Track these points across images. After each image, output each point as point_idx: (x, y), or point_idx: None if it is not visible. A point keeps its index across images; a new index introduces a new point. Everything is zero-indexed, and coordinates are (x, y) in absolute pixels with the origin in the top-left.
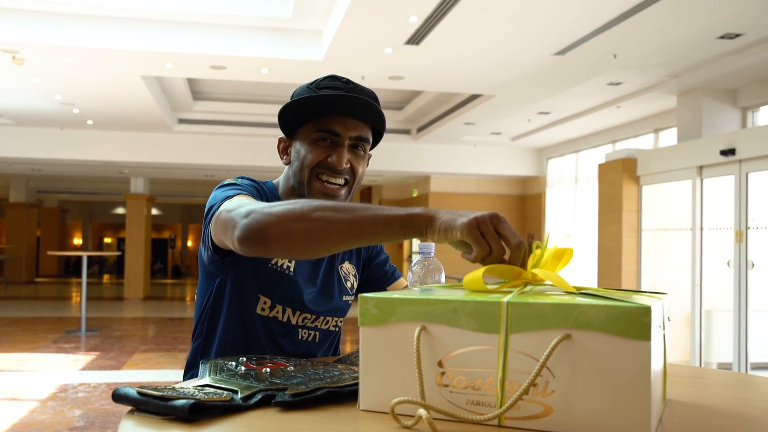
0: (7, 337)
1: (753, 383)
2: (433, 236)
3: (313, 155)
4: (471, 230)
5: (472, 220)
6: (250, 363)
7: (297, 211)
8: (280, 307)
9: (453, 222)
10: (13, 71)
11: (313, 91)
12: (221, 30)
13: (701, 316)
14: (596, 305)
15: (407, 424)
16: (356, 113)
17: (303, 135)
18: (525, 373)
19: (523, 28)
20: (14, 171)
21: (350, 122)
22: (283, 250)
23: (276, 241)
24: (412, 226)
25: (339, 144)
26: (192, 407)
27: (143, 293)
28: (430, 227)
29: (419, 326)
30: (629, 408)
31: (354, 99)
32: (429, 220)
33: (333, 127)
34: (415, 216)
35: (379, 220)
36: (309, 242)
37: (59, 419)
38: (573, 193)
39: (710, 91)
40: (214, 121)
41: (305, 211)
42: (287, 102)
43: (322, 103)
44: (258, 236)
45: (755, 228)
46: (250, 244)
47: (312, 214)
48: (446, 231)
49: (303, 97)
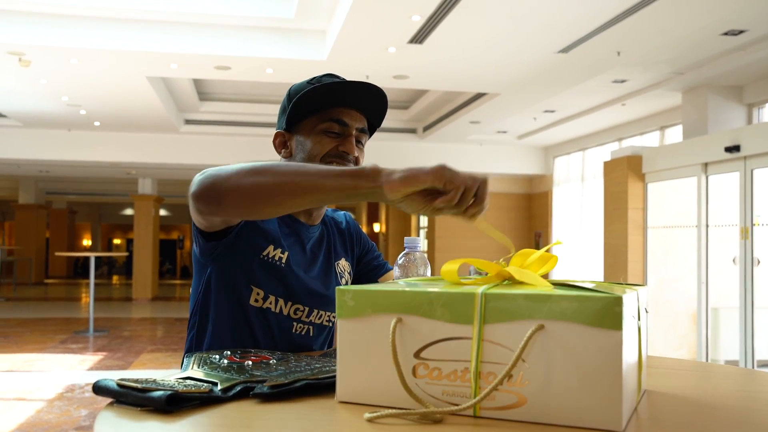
0: (16, 338)
1: (735, 375)
2: (392, 188)
3: (323, 145)
4: (437, 176)
5: (435, 169)
6: (234, 356)
7: (250, 167)
8: (272, 297)
9: (417, 170)
10: (20, 73)
11: (315, 86)
12: (225, 30)
13: (707, 314)
14: (569, 296)
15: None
16: (368, 103)
17: (307, 128)
18: (499, 363)
19: (526, 26)
20: (23, 173)
21: (355, 114)
22: (235, 205)
23: (228, 195)
24: (364, 176)
25: (348, 134)
26: (169, 398)
27: (151, 294)
28: (388, 178)
29: (395, 318)
30: (601, 396)
31: (369, 86)
32: (379, 171)
33: (341, 117)
34: (365, 168)
35: (331, 172)
36: (260, 196)
37: (66, 419)
38: (580, 191)
39: (715, 88)
40: (220, 121)
41: (258, 167)
42: (305, 91)
43: (346, 90)
44: (211, 190)
45: (762, 224)
46: (203, 198)
47: (266, 170)
48: (410, 180)
49: (329, 83)
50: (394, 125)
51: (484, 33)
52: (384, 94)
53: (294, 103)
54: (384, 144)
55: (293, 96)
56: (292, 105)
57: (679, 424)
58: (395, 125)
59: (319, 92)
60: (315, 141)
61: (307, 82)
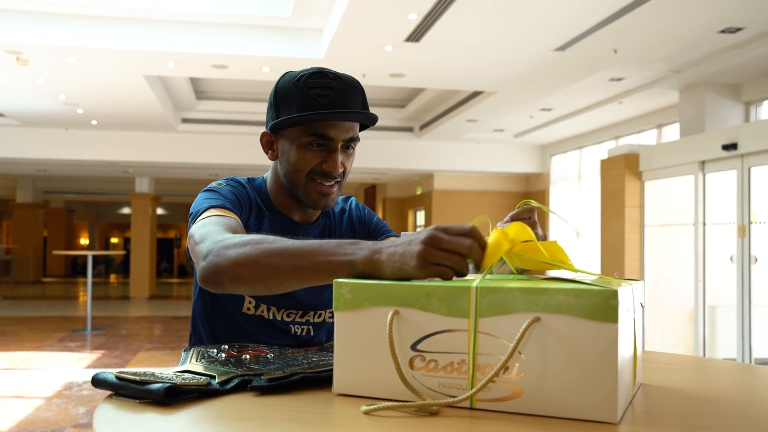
0: (14, 336)
1: (730, 369)
2: (386, 276)
3: (306, 161)
4: (424, 268)
5: (419, 261)
6: (232, 350)
7: (247, 256)
8: (264, 306)
9: (404, 266)
10: (17, 72)
11: (302, 91)
12: (222, 29)
13: (705, 312)
14: (565, 289)
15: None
16: (349, 117)
17: (292, 136)
18: (495, 355)
19: (522, 24)
20: (20, 171)
21: (343, 125)
22: (237, 290)
23: (230, 284)
24: (356, 272)
25: (333, 149)
26: (167, 390)
27: (149, 292)
28: (379, 269)
29: (392, 311)
30: (597, 388)
31: (349, 114)
32: (373, 264)
33: (326, 132)
34: (356, 262)
35: (323, 266)
36: (258, 286)
37: (64, 416)
38: (577, 189)
39: (712, 86)
40: (217, 120)
41: (254, 256)
42: (281, 120)
43: (322, 118)
44: (214, 280)
45: (759, 222)
46: (209, 285)
47: (261, 260)
48: (400, 272)
49: (303, 116)
50: (390, 124)
51: (480, 31)
52: (371, 116)
53: (274, 123)
54: (380, 143)
55: (279, 96)
56: (276, 122)
57: (674, 417)
58: (392, 124)
59: (296, 120)
60: (299, 155)
61: (293, 82)
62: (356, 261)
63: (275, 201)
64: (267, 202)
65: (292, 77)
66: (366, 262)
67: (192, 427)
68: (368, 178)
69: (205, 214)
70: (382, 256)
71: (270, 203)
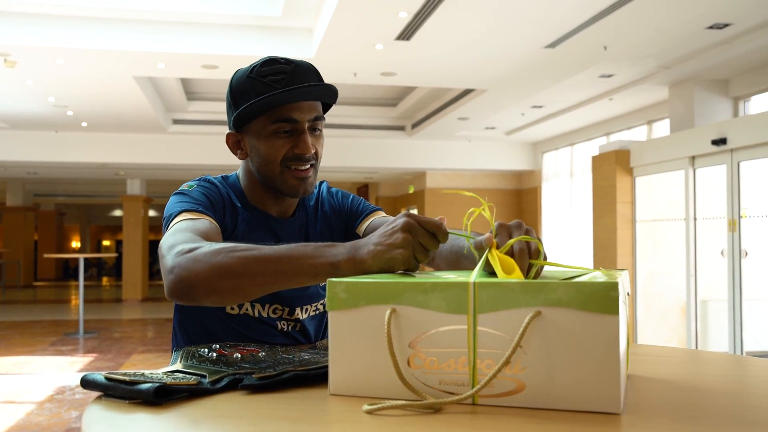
0: (5, 341)
1: (723, 360)
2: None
3: (276, 149)
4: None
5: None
6: (223, 349)
7: (222, 266)
8: (247, 304)
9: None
10: (5, 74)
11: (256, 81)
12: (212, 29)
13: (696, 306)
14: (565, 283)
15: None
16: (310, 96)
17: (257, 129)
18: (496, 351)
19: (512, 21)
20: (10, 174)
21: (305, 106)
22: (213, 303)
23: (204, 297)
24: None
25: (300, 130)
26: (157, 390)
27: (141, 295)
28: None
29: (389, 309)
30: (599, 379)
31: (309, 88)
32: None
33: (290, 115)
34: (339, 263)
35: (305, 270)
36: (236, 296)
37: (56, 421)
38: (569, 186)
39: (702, 82)
40: (208, 121)
41: (231, 266)
42: (240, 110)
43: (284, 98)
44: (186, 294)
45: (749, 217)
46: (179, 300)
47: (238, 269)
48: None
49: (264, 98)
50: (382, 122)
51: (471, 29)
52: (331, 88)
53: (237, 114)
54: (372, 142)
55: (236, 93)
56: (236, 116)
57: (670, 406)
58: (383, 122)
59: (257, 106)
60: (267, 145)
61: (246, 75)
62: (338, 262)
63: (250, 197)
64: (242, 198)
65: (244, 71)
66: (348, 262)
67: (182, 427)
68: (360, 177)
69: (177, 219)
70: (363, 253)
71: (245, 199)
